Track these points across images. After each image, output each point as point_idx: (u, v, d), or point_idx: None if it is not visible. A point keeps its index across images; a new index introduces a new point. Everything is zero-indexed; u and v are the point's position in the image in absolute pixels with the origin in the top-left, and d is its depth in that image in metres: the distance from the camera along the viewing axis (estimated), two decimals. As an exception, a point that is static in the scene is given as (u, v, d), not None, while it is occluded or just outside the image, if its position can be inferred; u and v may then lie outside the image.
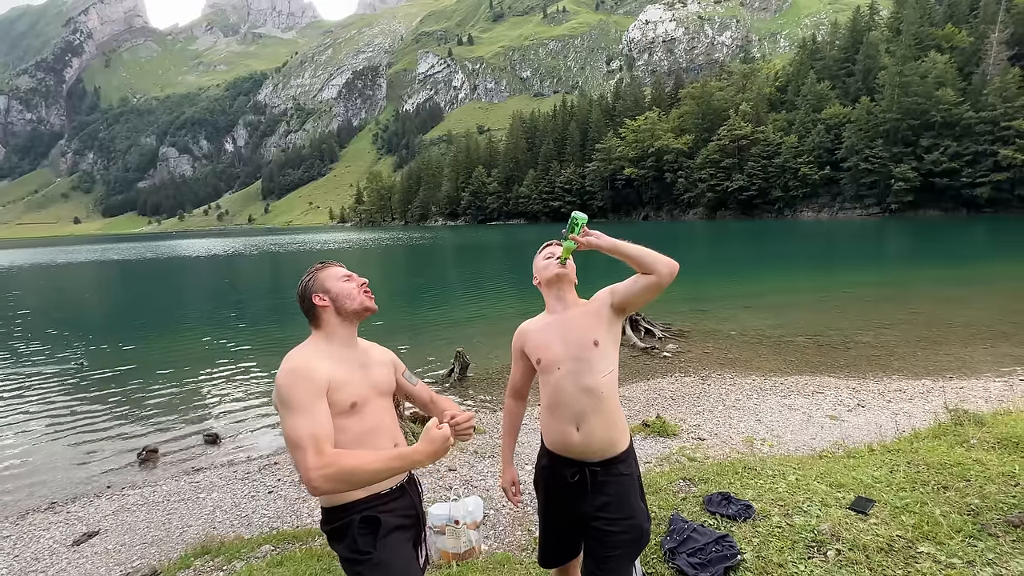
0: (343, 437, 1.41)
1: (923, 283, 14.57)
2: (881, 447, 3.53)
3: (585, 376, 1.57)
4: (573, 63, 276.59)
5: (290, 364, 1.39)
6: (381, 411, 1.53)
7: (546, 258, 1.73)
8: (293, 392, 1.34)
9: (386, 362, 1.65)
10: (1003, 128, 46.51)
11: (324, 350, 1.47)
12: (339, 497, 1.41)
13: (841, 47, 67.16)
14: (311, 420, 1.31)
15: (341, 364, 1.46)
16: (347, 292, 1.49)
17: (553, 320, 1.68)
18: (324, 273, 1.52)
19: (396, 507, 1.47)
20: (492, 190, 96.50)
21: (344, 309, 1.49)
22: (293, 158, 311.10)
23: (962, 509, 2.34)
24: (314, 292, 1.50)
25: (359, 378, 1.48)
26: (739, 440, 4.78)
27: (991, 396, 5.47)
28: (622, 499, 1.57)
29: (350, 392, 1.43)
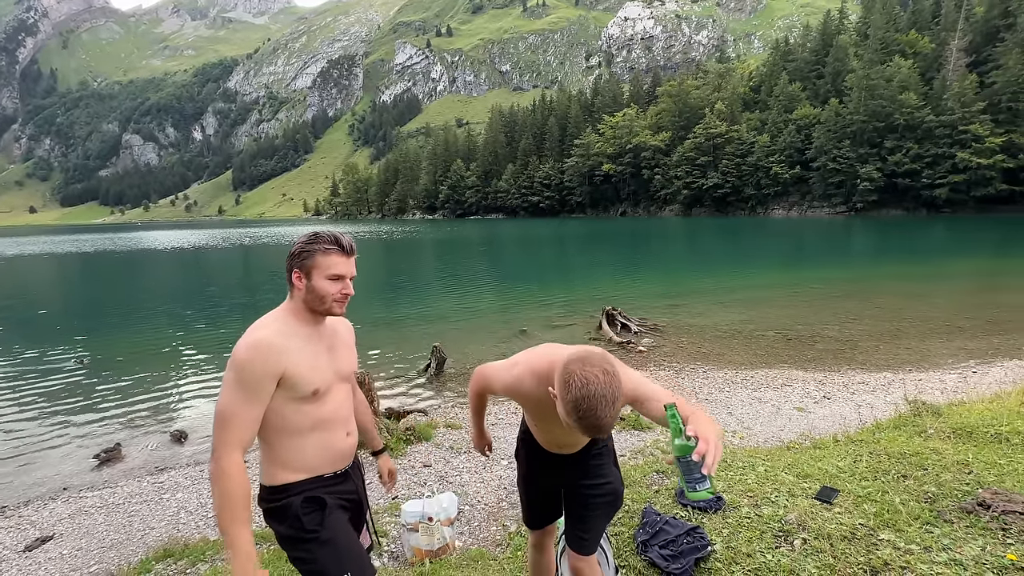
0: (300, 422, 1.38)
1: (885, 280, 15.15)
2: (845, 438, 3.65)
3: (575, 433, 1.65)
4: (552, 58, 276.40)
5: (254, 337, 1.32)
6: (340, 397, 1.48)
7: (574, 429, 1.25)
8: (247, 369, 1.28)
9: (351, 344, 1.60)
10: (961, 132, 48.71)
11: (292, 327, 1.40)
12: (280, 476, 1.39)
13: (812, 49, 69.05)
14: (248, 410, 1.28)
15: (308, 346, 1.40)
16: (323, 293, 1.39)
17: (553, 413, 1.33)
18: (320, 259, 1.38)
19: (337, 491, 1.46)
20: (471, 184, 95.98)
21: (310, 304, 1.41)
22: (266, 148, 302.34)
23: (920, 497, 2.43)
24: (297, 269, 1.40)
25: (325, 363, 1.43)
26: (711, 432, 4.87)
27: (947, 388, 5.73)
28: (600, 467, 1.69)
29: (314, 379, 1.37)
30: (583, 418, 1.18)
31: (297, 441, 1.40)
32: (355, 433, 1.55)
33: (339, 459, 1.48)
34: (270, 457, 1.41)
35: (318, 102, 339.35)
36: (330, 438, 1.45)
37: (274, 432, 1.38)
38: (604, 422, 1.18)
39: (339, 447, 1.47)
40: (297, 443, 1.40)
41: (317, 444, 1.42)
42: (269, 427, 1.36)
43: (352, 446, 1.53)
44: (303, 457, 1.41)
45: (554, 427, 1.56)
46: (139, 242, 51.05)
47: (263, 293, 15.97)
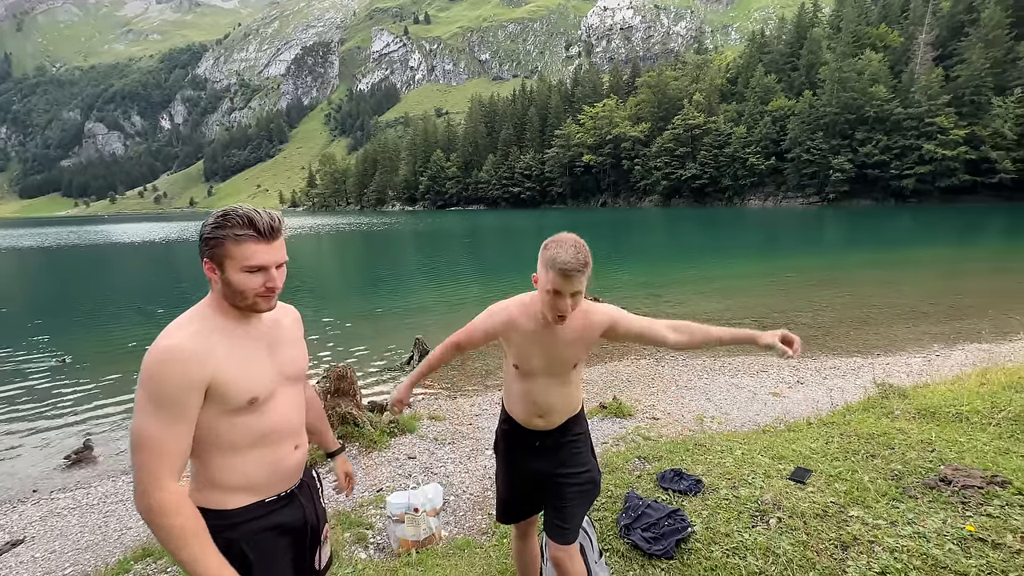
0: (237, 438, 1.16)
1: (855, 268, 15.65)
2: (818, 420, 3.78)
3: (559, 388, 1.67)
4: (532, 47, 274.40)
5: (165, 344, 1.08)
6: (288, 404, 1.26)
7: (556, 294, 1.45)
8: (160, 384, 1.05)
9: (298, 338, 1.35)
10: (927, 124, 50.27)
11: (217, 324, 1.16)
12: (213, 498, 1.17)
13: (787, 42, 70.08)
14: (170, 433, 1.06)
15: (239, 346, 1.17)
16: (240, 288, 1.14)
17: (544, 335, 1.58)
18: (232, 248, 1.12)
19: (279, 518, 1.24)
20: (451, 175, 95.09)
21: (230, 299, 1.17)
22: (238, 138, 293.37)
23: (887, 475, 2.54)
24: (207, 259, 1.15)
25: (262, 364, 1.20)
26: (691, 418, 4.99)
27: (912, 371, 5.98)
28: (578, 456, 1.73)
29: (248, 386, 1.15)
30: (555, 258, 1.42)
31: (234, 460, 1.17)
32: (305, 444, 1.34)
33: (286, 477, 1.26)
34: (202, 475, 1.18)
35: (292, 90, 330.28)
36: (275, 454, 1.23)
37: (206, 448, 1.16)
38: (575, 260, 1.41)
39: (286, 464, 1.26)
40: (234, 462, 1.17)
41: (259, 462, 1.20)
42: (200, 442, 1.15)
43: (301, 460, 1.31)
44: (242, 478, 1.18)
45: (533, 362, 1.61)
46: (107, 235, 49.16)
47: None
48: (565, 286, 1.43)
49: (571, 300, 1.47)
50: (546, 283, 1.47)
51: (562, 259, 1.42)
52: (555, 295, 1.46)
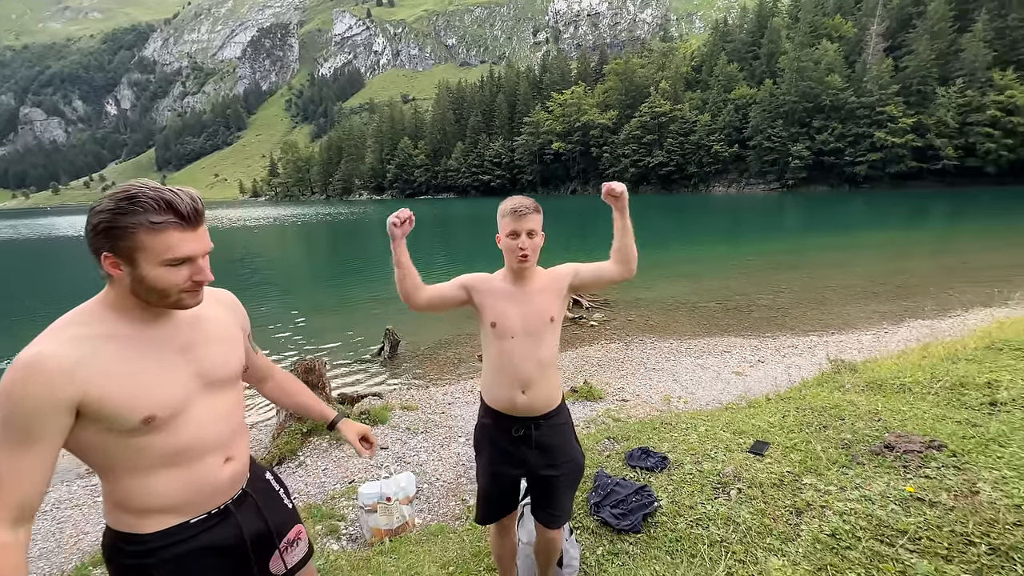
0: (136, 460, 0.98)
1: (812, 251, 16.36)
2: (776, 396, 3.97)
3: (537, 349, 1.64)
4: (500, 32, 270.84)
5: (28, 353, 0.90)
6: (211, 415, 1.07)
7: (513, 236, 1.60)
8: (13, 402, 0.87)
9: (230, 333, 1.15)
10: (878, 113, 52.61)
11: (106, 328, 0.97)
12: (126, 521, 1.02)
13: (749, 31, 71.61)
14: (19, 461, 0.88)
15: (132, 355, 0.97)
16: (162, 287, 0.96)
17: (514, 291, 1.66)
18: (147, 240, 0.92)
19: (208, 539, 1.08)
20: (419, 163, 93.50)
21: (146, 299, 0.99)
22: (193, 124, 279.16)
23: (837, 444, 2.70)
24: (108, 253, 0.93)
25: (168, 375, 1.01)
26: (658, 399, 5.15)
27: (863, 347, 6.33)
28: (563, 446, 1.73)
29: (141, 403, 0.96)
30: (506, 205, 1.64)
31: (142, 482, 1.00)
32: (242, 455, 1.16)
33: (215, 494, 1.09)
34: (110, 496, 1.03)
35: (250, 74, 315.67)
36: (197, 472, 1.05)
37: (106, 469, 1.00)
38: (524, 202, 1.62)
39: (213, 480, 1.08)
40: (142, 484, 1.00)
41: (176, 482, 1.03)
42: (93, 463, 0.99)
43: (236, 473, 1.14)
44: (155, 500, 1.02)
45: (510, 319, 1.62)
46: (52, 229, 46.13)
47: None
48: (519, 224, 1.60)
49: (528, 239, 1.60)
50: (504, 228, 1.63)
51: (513, 203, 1.63)
52: (513, 236, 1.61)
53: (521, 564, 2.11)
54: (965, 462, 2.33)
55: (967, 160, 49.20)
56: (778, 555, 2.01)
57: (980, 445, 2.44)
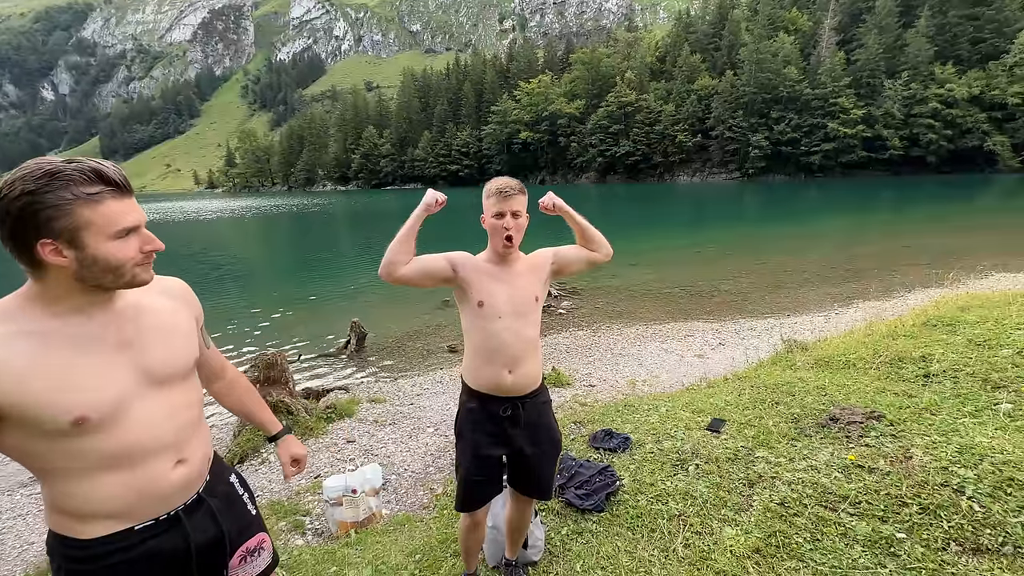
0: (70, 464, 0.92)
1: (770, 238, 17.01)
2: (734, 376, 4.13)
3: (524, 328, 1.66)
4: (465, 19, 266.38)
5: None
6: (156, 414, 1.00)
7: (498, 216, 1.61)
8: None
9: (178, 325, 1.08)
10: (831, 104, 54.83)
11: (29, 326, 0.89)
12: (65, 526, 0.97)
13: (710, 22, 73.01)
14: None
15: (58, 353, 0.90)
16: (117, 262, 0.91)
17: (500, 272, 1.67)
18: (87, 213, 0.86)
19: (153, 546, 1.02)
20: (385, 152, 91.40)
21: (96, 281, 0.92)
22: (140, 111, 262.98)
23: (788, 419, 2.85)
24: (47, 238, 0.85)
25: (106, 369, 0.94)
26: (624, 383, 5.27)
27: (815, 328, 6.65)
28: (546, 422, 1.79)
29: (72, 401, 0.89)
30: (492, 186, 1.64)
31: (76, 485, 0.94)
32: (197, 457, 1.09)
33: (164, 499, 1.03)
34: (49, 499, 0.98)
35: (202, 59, 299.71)
36: (143, 475, 0.99)
37: (38, 472, 0.95)
38: (510, 182, 1.63)
39: (161, 484, 1.02)
40: (77, 487, 0.94)
41: (119, 487, 0.97)
42: (29, 466, 0.94)
43: (189, 476, 1.07)
44: (96, 505, 0.96)
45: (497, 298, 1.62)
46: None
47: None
48: (505, 205, 1.61)
49: (513, 220, 1.61)
50: (489, 209, 1.64)
51: (498, 183, 1.64)
52: (498, 217, 1.62)
53: (488, 548, 2.14)
54: (901, 430, 2.50)
55: (911, 150, 52.03)
56: (732, 525, 2.11)
57: (914, 414, 2.63)
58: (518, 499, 1.87)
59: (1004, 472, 2.04)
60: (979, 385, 2.86)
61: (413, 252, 1.61)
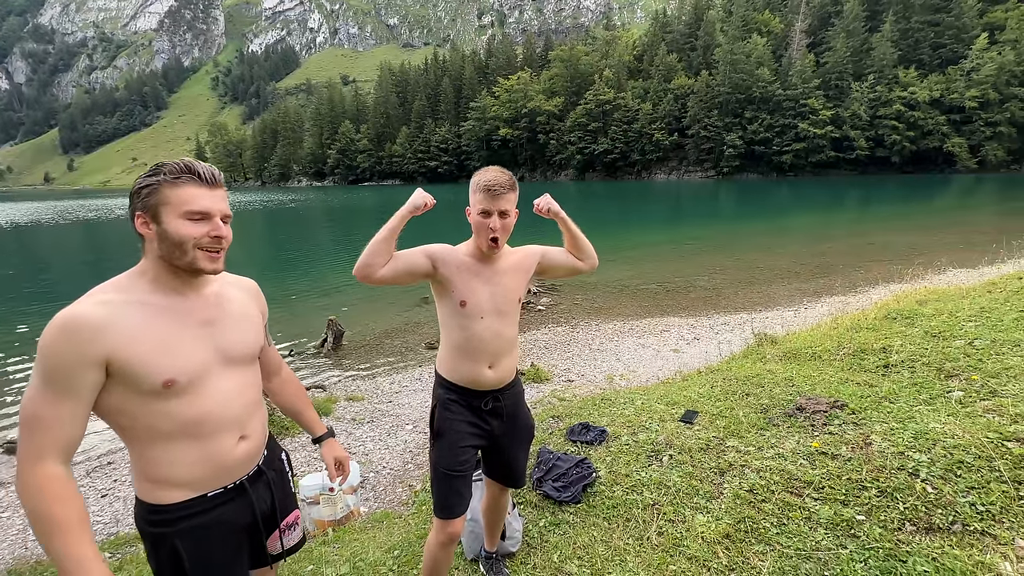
0: (157, 425, 1.05)
1: (743, 235, 17.44)
2: (707, 369, 4.24)
3: (506, 328, 1.63)
4: (444, 14, 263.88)
5: (65, 312, 0.99)
6: (228, 390, 1.13)
7: (484, 215, 1.52)
8: (51, 356, 0.96)
9: (251, 314, 1.25)
10: (802, 105, 56.47)
11: (135, 293, 1.06)
12: (150, 492, 1.09)
13: (686, 23, 74.15)
14: (56, 410, 0.97)
15: (159, 321, 1.05)
16: (180, 238, 1.04)
17: (483, 270, 1.60)
18: (169, 192, 1.03)
19: (223, 513, 1.15)
20: (362, 148, 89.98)
21: (168, 257, 1.06)
22: (104, 102, 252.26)
23: (757, 409, 2.94)
24: (140, 211, 1.04)
25: (192, 342, 1.08)
26: (602, 378, 5.35)
27: (785, 322, 6.87)
28: (524, 412, 1.80)
29: (163, 366, 1.03)
30: (480, 179, 1.53)
31: (160, 449, 1.07)
32: (257, 434, 1.22)
33: (230, 472, 1.16)
34: (136, 467, 1.10)
35: (169, 48, 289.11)
36: (212, 447, 1.11)
37: (128, 436, 1.07)
38: (500, 178, 1.52)
39: (227, 458, 1.14)
40: (161, 452, 1.07)
41: (193, 456, 1.09)
42: (120, 428, 1.06)
43: (250, 452, 1.19)
44: (172, 471, 1.08)
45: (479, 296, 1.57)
46: (-70, 219, 40.37)
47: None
48: (492, 203, 1.51)
49: (500, 220, 1.52)
50: (476, 205, 1.54)
51: (487, 178, 1.52)
52: (484, 215, 1.52)
53: (466, 540, 2.16)
54: (862, 418, 2.61)
55: (877, 151, 54.04)
56: (703, 512, 2.18)
57: (874, 403, 2.75)
58: (493, 488, 1.88)
59: (955, 455, 2.16)
60: (934, 374, 3.02)
61: (392, 253, 1.53)
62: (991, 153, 49.81)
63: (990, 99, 48.89)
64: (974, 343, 3.28)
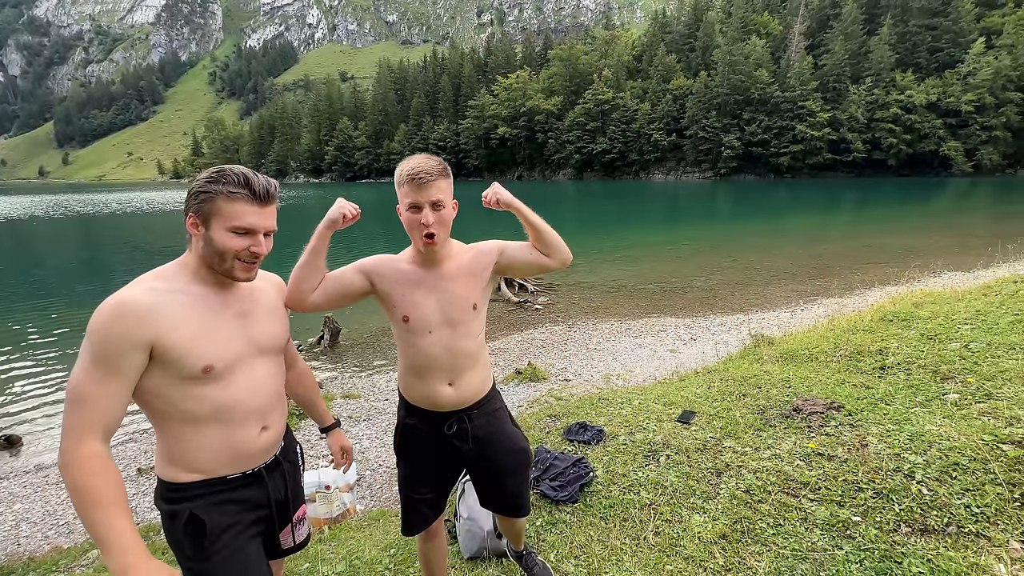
0: (192, 409, 1.12)
1: (740, 236, 17.49)
2: (704, 369, 4.25)
3: (460, 340, 1.44)
4: (443, 11, 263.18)
5: (117, 296, 1.05)
6: (257, 378, 1.20)
7: (414, 209, 1.35)
8: (101, 337, 1.02)
9: (278, 308, 1.31)
10: (799, 107, 56.59)
11: (180, 283, 1.14)
12: (171, 472, 1.15)
13: (685, 23, 74.18)
14: (103, 390, 1.02)
15: (199, 309, 1.13)
16: (222, 249, 1.12)
17: (427, 277, 1.42)
18: (223, 205, 1.10)
19: (241, 497, 1.20)
20: (360, 145, 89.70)
21: (209, 260, 1.14)
22: (100, 96, 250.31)
23: (754, 410, 2.95)
24: (193, 213, 1.13)
25: (226, 332, 1.16)
26: (599, 378, 5.36)
27: (781, 323, 6.90)
28: (501, 432, 1.56)
29: (205, 351, 1.10)
30: (403, 170, 1.36)
31: (190, 433, 1.13)
32: (277, 425, 1.27)
33: (250, 459, 1.21)
34: (161, 447, 1.16)
35: (166, 42, 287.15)
36: (235, 435, 1.17)
37: (162, 419, 1.13)
38: (425, 164, 1.35)
39: (248, 447, 1.19)
40: (190, 436, 1.13)
41: (216, 440, 1.15)
42: (153, 412, 1.12)
43: (270, 442, 1.24)
44: (197, 455, 1.14)
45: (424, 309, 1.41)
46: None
47: (118, 274, 13.67)
48: (420, 194, 1.33)
49: (433, 213, 1.34)
50: (403, 199, 1.36)
51: (411, 166, 1.35)
52: (414, 210, 1.34)
53: (463, 539, 2.15)
54: (858, 419, 2.62)
55: (873, 153, 54.23)
56: (700, 512, 2.18)
57: (871, 404, 2.76)
58: (498, 515, 1.73)
59: (950, 457, 2.17)
60: (930, 376, 3.03)
61: (323, 274, 1.39)
62: (986, 157, 50.08)
63: (986, 103, 49.15)
64: (970, 346, 3.30)
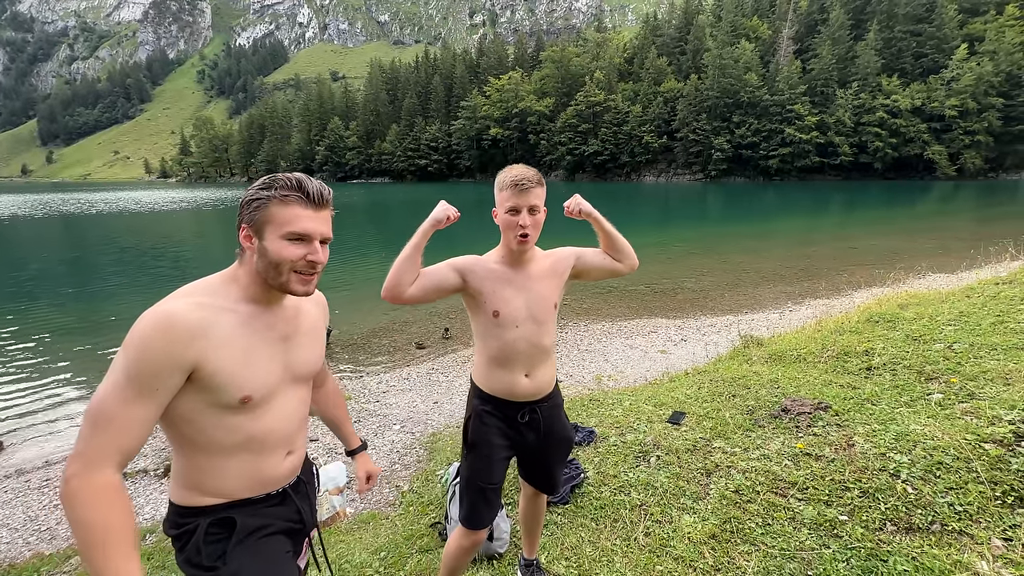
0: (221, 439, 1.03)
1: (730, 238, 17.65)
2: (694, 370, 4.28)
3: (542, 337, 1.58)
4: (435, 12, 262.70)
5: (161, 309, 0.94)
6: (289, 407, 1.12)
7: (512, 212, 1.48)
8: (140, 353, 0.91)
9: (318, 329, 1.22)
10: (788, 111, 57.27)
11: (228, 301, 1.03)
12: (189, 497, 1.05)
13: (676, 27, 74.77)
14: (132, 411, 0.91)
15: (246, 331, 1.03)
16: (277, 259, 1.02)
17: (515, 276, 1.56)
18: (276, 211, 1.01)
19: (266, 513, 1.13)
20: (351, 145, 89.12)
21: (263, 273, 1.04)
22: (85, 94, 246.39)
23: (743, 411, 2.98)
24: (246, 224, 1.03)
25: (271, 359, 1.07)
26: (590, 378, 5.37)
27: (770, 324, 6.97)
28: (561, 424, 1.72)
29: (247, 381, 1.01)
30: (507, 176, 1.49)
31: (215, 461, 1.05)
32: (300, 448, 1.20)
33: (272, 484, 1.14)
34: (179, 472, 1.07)
35: (153, 40, 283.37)
36: (262, 462, 1.09)
37: (185, 444, 1.04)
38: (526, 173, 1.49)
39: (272, 474, 1.13)
40: (214, 463, 1.05)
41: (242, 469, 1.07)
42: (180, 437, 1.03)
43: (293, 466, 1.18)
44: (221, 483, 1.06)
45: (513, 304, 1.53)
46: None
47: (104, 276, 13.44)
48: (521, 199, 1.48)
49: (530, 217, 1.49)
50: (503, 203, 1.50)
51: (514, 174, 1.49)
52: (513, 213, 1.49)
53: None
54: (845, 420, 2.66)
55: (860, 156, 55.05)
56: (690, 513, 2.20)
57: (857, 404, 2.80)
58: (528, 491, 1.85)
59: (934, 457, 2.21)
60: (914, 377, 3.08)
61: (419, 270, 1.49)
62: (969, 161, 51.06)
63: (969, 108, 50.11)
64: (953, 347, 3.36)
